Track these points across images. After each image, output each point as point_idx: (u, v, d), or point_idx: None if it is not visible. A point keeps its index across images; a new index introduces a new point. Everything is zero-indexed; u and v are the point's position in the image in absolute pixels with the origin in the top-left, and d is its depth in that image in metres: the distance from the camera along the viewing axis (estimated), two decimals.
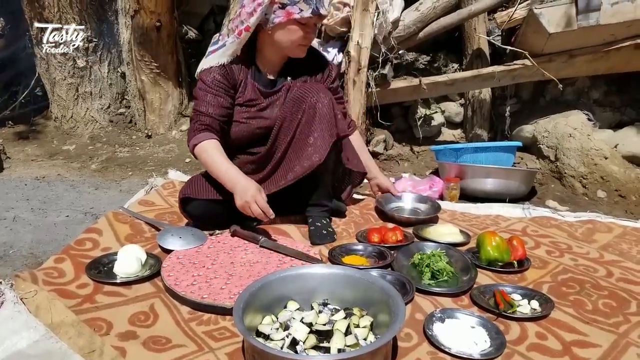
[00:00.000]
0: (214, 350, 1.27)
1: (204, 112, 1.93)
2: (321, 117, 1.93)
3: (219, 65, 1.95)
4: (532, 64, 3.25)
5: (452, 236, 2.01)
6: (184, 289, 1.50)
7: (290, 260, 1.73)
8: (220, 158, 1.89)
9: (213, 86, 1.94)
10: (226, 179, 1.86)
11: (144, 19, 3.88)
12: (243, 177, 1.86)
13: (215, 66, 1.95)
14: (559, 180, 3.20)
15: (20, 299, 1.38)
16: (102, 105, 4.43)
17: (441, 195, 2.82)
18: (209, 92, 1.94)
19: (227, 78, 1.96)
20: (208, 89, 1.94)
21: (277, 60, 2.05)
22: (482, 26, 3.65)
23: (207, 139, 1.91)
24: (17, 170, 3.66)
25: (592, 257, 1.90)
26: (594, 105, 3.67)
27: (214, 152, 1.90)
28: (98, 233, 1.93)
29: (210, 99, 1.94)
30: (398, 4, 3.37)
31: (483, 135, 3.74)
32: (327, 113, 1.94)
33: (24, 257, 2.17)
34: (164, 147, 4.04)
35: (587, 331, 1.39)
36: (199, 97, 1.97)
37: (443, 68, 3.92)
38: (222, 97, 1.95)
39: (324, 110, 1.94)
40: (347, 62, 3.25)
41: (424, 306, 1.50)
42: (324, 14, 1.91)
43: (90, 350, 1.23)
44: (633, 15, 3.01)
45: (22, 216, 2.66)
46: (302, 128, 1.95)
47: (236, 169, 1.89)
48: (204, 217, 2.01)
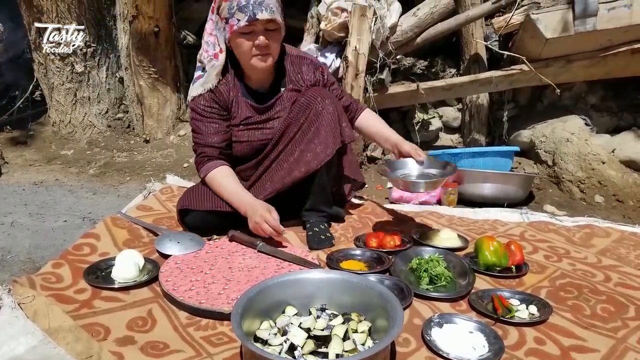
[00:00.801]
0: (212, 355, 1.27)
1: (203, 144, 1.97)
2: (325, 124, 1.93)
3: (207, 91, 1.95)
4: (530, 69, 3.27)
5: (450, 241, 2.01)
6: (182, 294, 1.50)
7: (289, 265, 1.73)
8: (228, 185, 1.93)
9: (205, 114, 1.96)
10: (237, 204, 1.90)
11: (142, 24, 3.89)
12: (251, 198, 1.89)
13: (203, 93, 1.96)
14: (557, 185, 3.21)
15: (18, 304, 1.37)
16: (100, 110, 4.43)
17: (439, 200, 2.83)
18: (204, 121, 1.97)
19: (217, 102, 1.96)
20: (201, 117, 1.97)
21: (260, 74, 1.99)
22: (480, 31, 3.67)
23: (214, 167, 1.96)
24: (15, 175, 3.65)
25: (590, 262, 1.90)
26: (591, 110, 3.68)
27: (222, 181, 1.95)
28: (96, 238, 1.93)
29: (206, 128, 1.96)
30: (395, 10, 3.39)
31: (481, 140, 3.75)
32: (331, 120, 1.94)
33: (21, 262, 2.17)
34: (162, 152, 4.04)
35: (586, 336, 1.39)
36: (195, 129, 2.00)
37: (441, 73, 3.94)
38: (216, 123, 1.97)
39: (328, 117, 1.93)
40: (344, 68, 3.26)
41: (422, 311, 1.50)
42: (263, 18, 1.77)
43: (88, 355, 1.22)
44: (629, 21, 3.03)
45: (20, 221, 2.66)
46: (304, 133, 1.95)
47: (245, 192, 1.93)
48: (202, 228, 2.00)
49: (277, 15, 1.81)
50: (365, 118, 2.18)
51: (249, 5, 1.76)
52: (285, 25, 1.92)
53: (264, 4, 1.77)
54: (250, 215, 1.84)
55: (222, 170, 1.96)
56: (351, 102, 2.21)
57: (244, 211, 1.87)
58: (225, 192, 1.93)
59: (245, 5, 1.76)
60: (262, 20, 1.77)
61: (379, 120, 2.22)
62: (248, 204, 1.87)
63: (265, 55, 1.87)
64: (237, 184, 1.96)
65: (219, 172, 1.96)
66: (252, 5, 1.76)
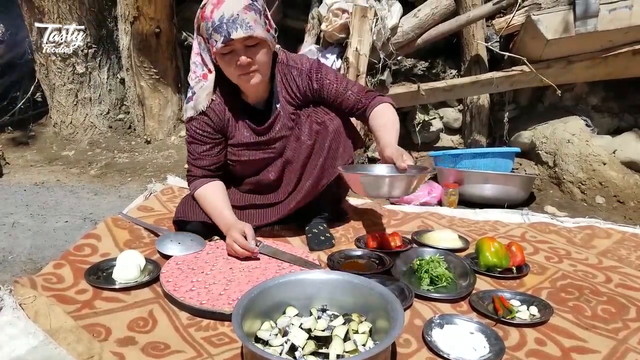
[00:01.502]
0: (212, 356, 1.27)
1: (194, 165, 1.97)
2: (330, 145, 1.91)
3: (199, 113, 1.92)
4: (531, 70, 3.27)
5: (450, 242, 2.01)
6: (183, 295, 1.50)
7: (289, 266, 1.73)
8: (212, 203, 1.93)
9: (197, 137, 1.95)
10: (217, 223, 1.91)
11: (144, 26, 3.90)
12: (230, 217, 1.88)
13: (195, 115, 1.93)
14: (558, 186, 3.20)
15: (19, 305, 1.37)
16: (101, 111, 4.44)
17: (440, 201, 2.83)
18: (195, 144, 1.95)
19: (210, 125, 1.93)
20: (193, 140, 1.96)
21: (253, 91, 1.90)
22: (481, 32, 3.67)
23: (201, 185, 1.97)
24: (17, 176, 3.66)
25: (591, 263, 1.90)
26: (592, 111, 3.68)
27: (207, 198, 1.94)
28: (97, 239, 1.93)
29: (197, 151, 1.95)
30: (396, 11, 3.39)
31: (481, 141, 3.75)
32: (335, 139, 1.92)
33: (23, 262, 2.17)
34: (163, 153, 4.05)
35: (586, 337, 1.39)
36: (188, 148, 1.99)
37: (441, 74, 3.94)
38: (208, 147, 1.95)
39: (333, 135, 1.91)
40: (345, 69, 3.26)
41: (423, 312, 1.50)
42: (238, 37, 1.65)
43: (89, 356, 1.22)
44: (630, 22, 3.03)
45: (21, 222, 2.66)
46: (315, 156, 1.93)
47: (226, 210, 1.90)
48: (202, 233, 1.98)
49: (255, 31, 1.68)
50: (372, 117, 1.92)
51: (223, 25, 1.65)
52: (286, 26, 1.89)
53: (239, 21, 1.65)
54: (226, 235, 1.83)
55: (208, 188, 1.96)
56: (356, 100, 1.94)
57: (224, 231, 1.85)
58: (209, 209, 1.93)
59: (219, 25, 1.66)
60: (238, 39, 1.67)
61: (383, 117, 1.90)
62: (224, 225, 1.86)
63: (250, 73, 1.76)
64: (221, 200, 1.94)
65: (205, 190, 1.95)
66: (226, 24, 1.65)
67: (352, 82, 2.01)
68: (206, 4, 1.72)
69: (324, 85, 1.94)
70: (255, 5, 1.71)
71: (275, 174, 2.02)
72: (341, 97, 1.95)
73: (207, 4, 1.71)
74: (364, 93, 1.95)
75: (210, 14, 1.68)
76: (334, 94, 1.95)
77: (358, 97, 1.94)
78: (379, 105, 1.92)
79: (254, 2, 1.70)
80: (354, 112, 1.97)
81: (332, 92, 1.94)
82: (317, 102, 1.98)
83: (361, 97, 1.94)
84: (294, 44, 3.82)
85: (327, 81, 1.93)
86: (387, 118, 1.88)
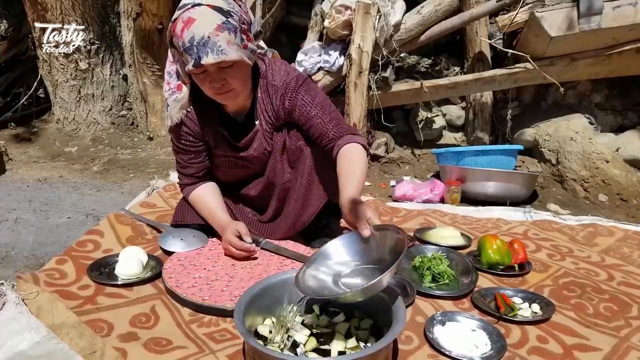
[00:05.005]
0: (214, 352, 1.27)
1: (183, 173, 1.94)
2: (308, 182, 1.85)
3: (175, 125, 1.83)
4: (534, 68, 3.26)
5: (453, 239, 2.01)
6: (185, 291, 1.51)
7: (291, 262, 1.73)
8: (205, 205, 1.91)
9: (181, 146, 1.89)
10: (212, 224, 1.89)
11: (146, 22, 3.89)
12: (224, 218, 1.86)
13: (174, 126, 1.84)
14: (561, 184, 3.20)
15: (22, 300, 1.38)
16: (104, 107, 4.44)
17: (442, 198, 2.83)
18: (179, 152, 1.91)
19: (190, 134, 1.85)
20: (176, 148, 1.91)
21: (232, 105, 1.80)
22: (484, 29, 3.65)
23: (193, 189, 1.94)
24: (19, 172, 3.67)
25: (593, 261, 1.90)
26: (596, 109, 3.67)
27: (199, 204, 1.93)
28: (99, 235, 1.93)
29: (181, 158, 1.92)
30: (400, 7, 3.38)
31: (484, 138, 3.74)
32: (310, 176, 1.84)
33: (25, 258, 2.18)
34: (165, 149, 4.05)
35: (588, 335, 1.39)
36: (175, 156, 1.96)
37: (444, 71, 3.92)
38: (192, 155, 1.90)
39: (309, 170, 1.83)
40: (348, 65, 3.26)
41: (425, 309, 1.50)
42: (208, 63, 1.51)
43: (91, 351, 1.23)
44: (635, 19, 3.02)
45: (24, 217, 2.67)
46: (291, 191, 1.88)
47: (219, 212, 1.88)
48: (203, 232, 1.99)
49: (228, 55, 1.52)
50: (339, 158, 1.71)
51: (193, 48, 1.51)
52: (289, 23, 1.82)
53: (210, 45, 1.49)
54: (222, 236, 1.82)
55: (199, 191, 1.93)
56: (322, 130, 1.75)
57: (220, 233, 1.84)
58: (203, 213, 1.92)
59: (190, 48, 1.52)
60: (208, 64, 1.53)
61: (349, 162, 1.67)
62: (219, 227, 1.85)
63: (224, 93, 1.65)
64: (213, 202, 1.91)
65: (196, 194, 1.93)
66: (197, 47, 1.50)
67: (331, 110, 1.79)
68: (177, 20, 1.55)
69: (297, 105, 1.76)
70: (230, 23, 1.53)
71: (257, 192, 1.97)
72: (309, 123, 1.77)
73: (178, 21, 1.54)
74: (335, 125, 1.75)
75: (180, 33, 1.53)
76: (305, 117, 1.77)
77: (326, 128, 1.74)
78: (347, 145, 1.71)
79: (227, 20, 1.52)
80: (320, 144, 1.77)
81: (304, 114, 1.76)
82: (293, 125, 1.84)
83: (329, 128, 1.74)
84: (296, 41, 3.82)
85: (300, 102, 1.76)
86: (355, 164, 1.66)
